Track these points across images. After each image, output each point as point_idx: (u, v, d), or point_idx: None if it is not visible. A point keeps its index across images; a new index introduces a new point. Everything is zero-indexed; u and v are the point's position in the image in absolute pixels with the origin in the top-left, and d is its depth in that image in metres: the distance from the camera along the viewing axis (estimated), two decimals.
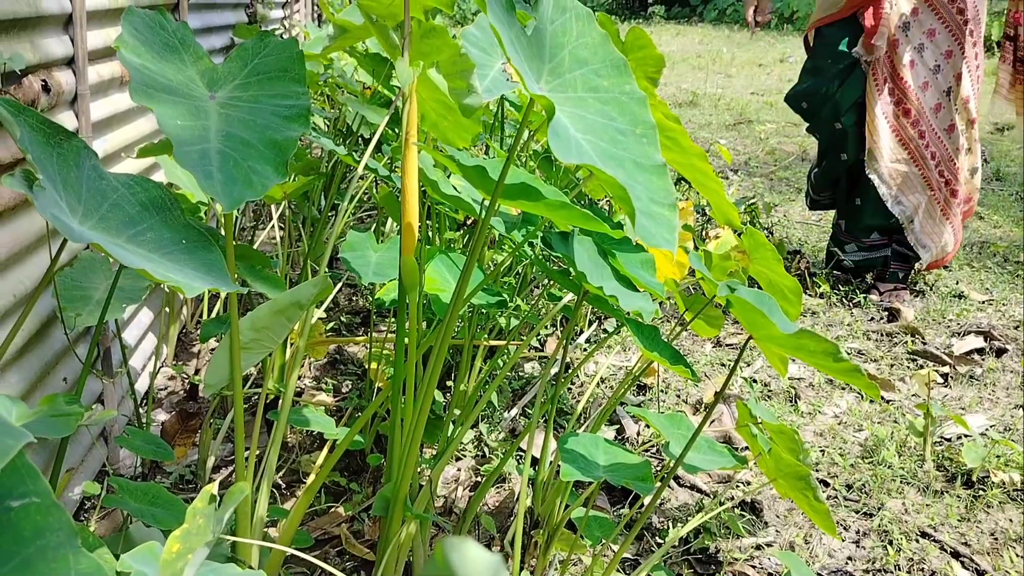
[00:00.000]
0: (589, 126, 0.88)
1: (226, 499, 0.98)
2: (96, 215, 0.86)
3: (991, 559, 1.46)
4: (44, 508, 0.59)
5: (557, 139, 0.80)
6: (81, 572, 0.60)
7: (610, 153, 0.87)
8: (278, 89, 1.10)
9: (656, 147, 0.88)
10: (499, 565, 0.32)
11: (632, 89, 0.92)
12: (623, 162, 0.87)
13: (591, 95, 0.90)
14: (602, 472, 1.07)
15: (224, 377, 1.27)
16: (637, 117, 0.90)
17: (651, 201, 0.83)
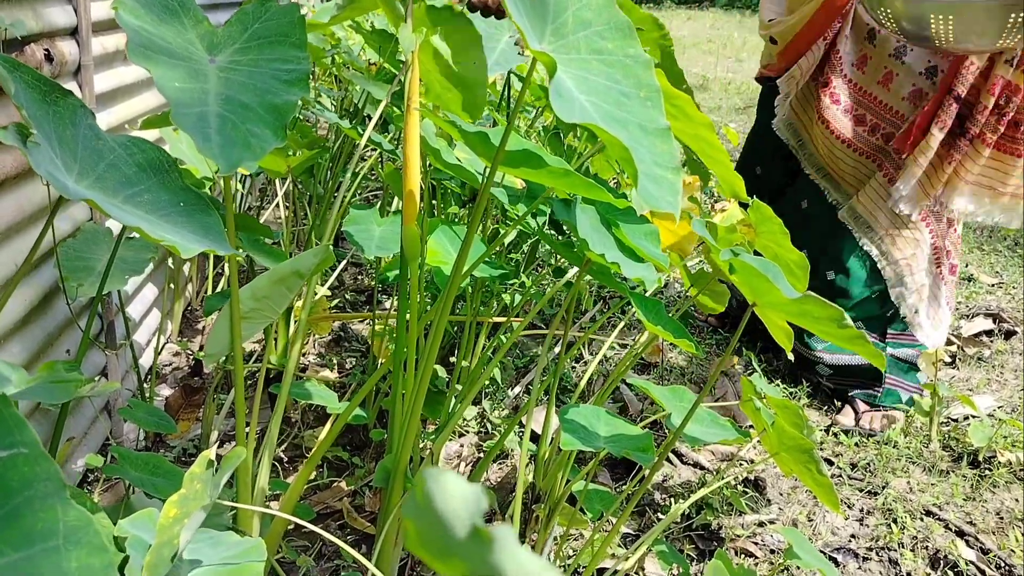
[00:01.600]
0: (592, 88, 0.86)
1: (224, 463, 0.98)
2: (92, 175, 0.86)
3: (996, 538, 1.45)
4: (32, 459, 0.58)
5: (560, 99, 0.79)
6: (69, 523, 0.59)
7: (614, 116, 0.85)
8: (278, 53, 1.08)
9: (661, 111, 0.86)
10: (478, 495, 0.31)
11: (637, 52, 0.91)
12: (627, 125, 0.85)
13: (595, 57, 0.89)
14: (603, 443, 1.06)
15: (224, 346, 1.26)
16: (642, 80, 0.88)
17: (655, 164, 0.81)
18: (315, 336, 2.22)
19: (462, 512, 0.31)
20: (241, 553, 1.05)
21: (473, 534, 0.31)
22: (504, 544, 0.30)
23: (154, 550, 0.90)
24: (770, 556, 1.42)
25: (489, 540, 0.30)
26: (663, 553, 1.22)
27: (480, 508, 0.31)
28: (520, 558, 0.31)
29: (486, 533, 0.30)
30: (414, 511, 0.32)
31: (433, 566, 0.34)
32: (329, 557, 1.45)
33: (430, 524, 0.32)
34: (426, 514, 0.32)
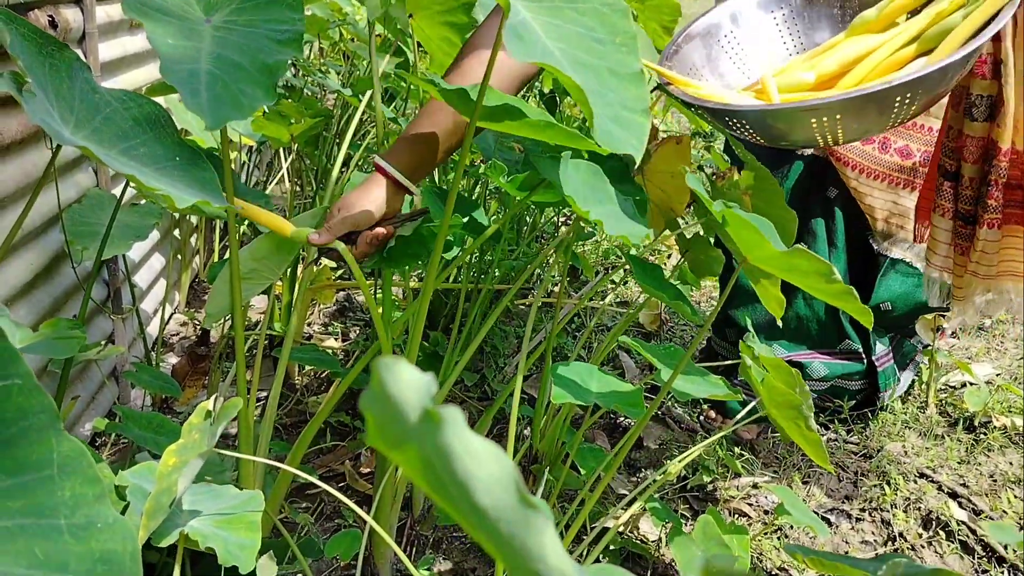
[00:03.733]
0: (563, 35, 0.86)
1: (220, 413, 1.00)
2: (88, 127, 0.87)
3: (988, 500, 1.46)
4: (26, 390, 0.60)
5: (520, 41, 0.79)
6: (64, 453, 0.61)
7: (582, 60, 0.86)
8: (274, 14, 1.09)
9: (635, 56, 0.87)
10: (428, 382, 0.33)
11: (614, 1, 0.91)
12: (598, 70, 0.85)
13: (568, 5, 0.89)
14: (594, 397, 1.08)
15: (224, 306, 1.28)
16: (617, 27, 0.89)
17: (622, 107, 0.82)
18: (319, 306, 2.24)
19: (414, 397, 0.33)
20: (239, 504, 1.07)
21: (424, 416, 0.32)
22: (453, 425, 0.32)
23: (153, 497, 0.93)
24: (763, 516, 1.44)
25: (439, 421, 0.32)
26: (656, 510, 1.24)
27: (430, 392, 0.33)
28: (468, 438, 0.32)
29: (436, 414, 0.32)
30: (371, 401, 0.34)
31: (390, 456, 0.36)
32: (329, 516, 1.47)
33: (385, 411, 0.33)
34: (381, 402, 0.33)
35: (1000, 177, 1.39)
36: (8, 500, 0.59)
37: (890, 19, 1.24)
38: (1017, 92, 1.35)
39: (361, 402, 0.35)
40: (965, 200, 1.45)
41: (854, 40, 1.24)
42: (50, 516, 0.59)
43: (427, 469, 0.34)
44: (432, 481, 0.34)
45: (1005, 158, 1.38)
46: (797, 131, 1.13)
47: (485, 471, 0.32)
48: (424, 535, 1.39)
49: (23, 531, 0.58)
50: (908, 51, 1.18)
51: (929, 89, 1.08)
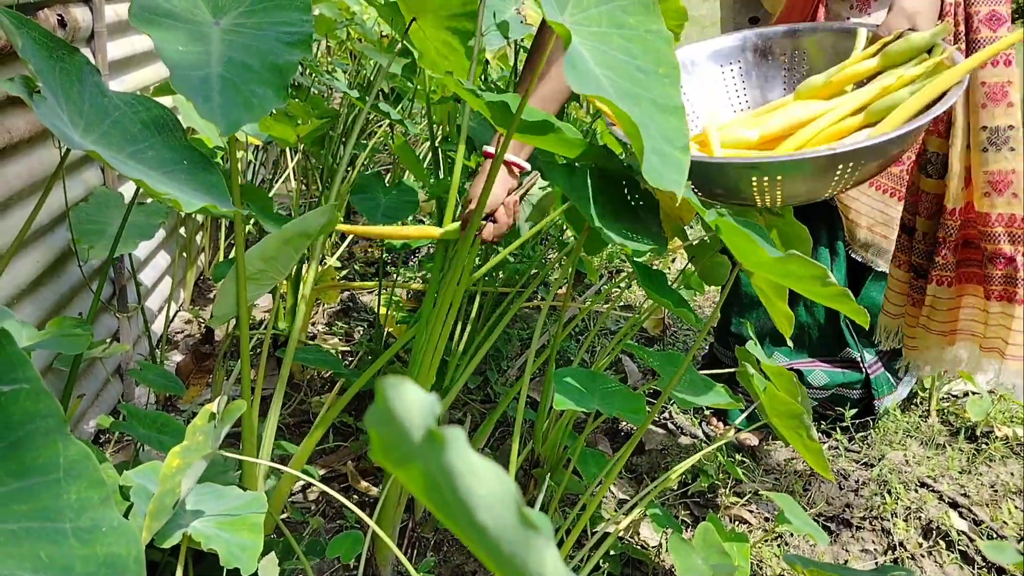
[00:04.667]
0: (609, 62, 0.86)
1: (224, 414, 1.01)
2: (98, 130, 0.88)
3: (989, 510, 1.46)
4: (34, 394, 0.61)
5: (574, 70, 0.79)
6: (70, 457, 0.62)
7: (627, 91, 0.85)
8: (282, 16, 1.10)
9: (677, 89, 0.86)
10: (432, 402, 0.33)
11: (659, 29, 0.91)
12: (640, 100, 0.85)
13: (615, 31, 0.89)
14: (596, 404, 1.08)
15: (232, 307, 1.29)
16: (661, 57, 0.88)
17: (664, 140, 0.82)
18: (324, 305, 2.25)
19: (418, 417, 0.33)
20: (242, 505, 1.08)
21: (427, 437, 0.33)
22: (456, 445, 0.33)
23: (157, 498, 0.93)
24: (764, 523, 1.44)
25: (442, 441, 0.32)
26: (656, 516, 1.25)
27: (434, 413, 0.33)
28: (470, 458, 0.33)
29: (439, 435, 0.32)
30: (375, 419, 0.34)
31: (395, 473, 0.36)
32: (332, 517, 1.48)
33: (389, 430, 0.34)
34: (386, 420, 0.34)
35: (948, 235, 1.41)
36: (14, 503, 0.59)
37: (837, 87, 1.23)
38: (964, 153, 1.37)
39: (366, 419, 0.36)
40: (918, 254, 1.47)
41: (800, 104, 1.23)
42: (56, 519, 0.60)
43: (430, 487, 0.34)
44: (435, 499, 0.35)
45: (951, 217, 1.40)
46: (736, 187, 1.11)
47: (487, 490, 0.33)
48: (426, 537, 1.40)
49: (28, 534, 0.59)
50: (853, 121, 1.18)
51: (870, 160, 1.06)
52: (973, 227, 1.40)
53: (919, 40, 1.17)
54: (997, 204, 1.35)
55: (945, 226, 1.41)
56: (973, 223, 1.40)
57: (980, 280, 1.42)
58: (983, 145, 1.35)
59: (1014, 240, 1.36)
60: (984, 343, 1.44)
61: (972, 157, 1.37)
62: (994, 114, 1.34)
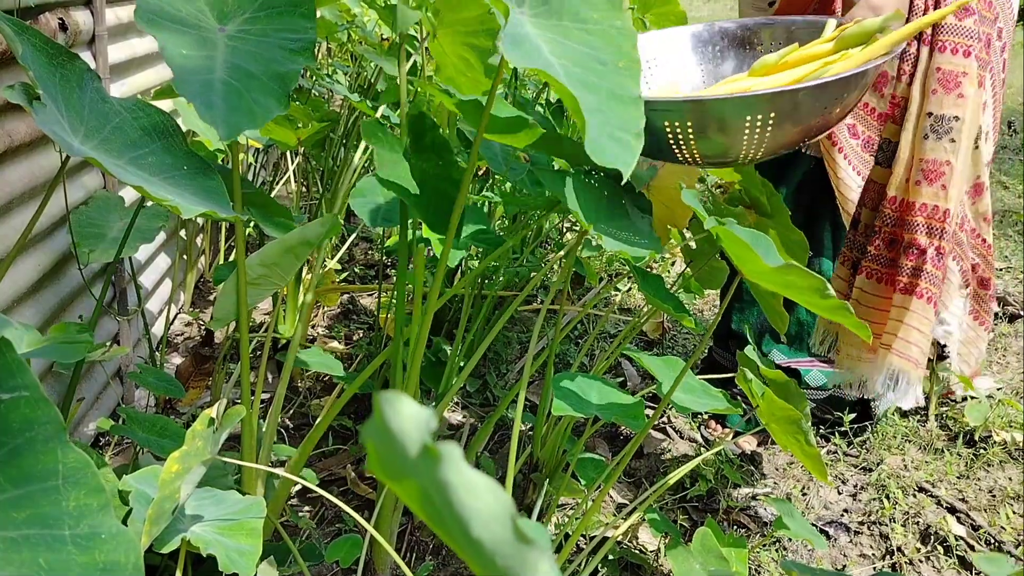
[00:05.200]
0: (567, 52, 0.87)
1: (224, 420, 1.01)
2: (98, 136, 0.88)
3: (987, 515, 1.47)
4: (33, 401, 0.61)
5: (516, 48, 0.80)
6: (69, 464, 0.62)
7: (584, 80, 0.87)
8: (287, 23, 1.10)
9: (636, 82, 0.88)
10: (428, 417, 0.34)
11: (623, 24, 0.92)
12: (598, 89, 0.86)
13: (577, 25, 0.90)
14: (594, 409, 1.08)
15: (231, 311, 1.29)
16: (622, 50, 0.90)
17: (618, 128, 0.83)
18: (324, 308, 2.25)
19: (414, 432, 0.33)
20: (241, 510, 1.08)
21: (423, 452, 0.33)
22: (451, 460, 0.33)
23: (156, 503, 0.93)
24: (762, 528, 1.45)
25: (438, 456, 0.33)
26: (655, 521, 1.25)
27: (430, 428, 0.34)
28: (466, 473, 0.33)
29: (435, 450, 0.33)
30: (373, 433, 0.35)
31: (392, 487, 0.36)
32: (331, 521, 1.48)
33: (385, 444, 0.34)
34: (382, 435, 0.34)
35: (884, 224, 1.39)
36: (13, 511, 0.60)
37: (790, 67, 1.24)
38: (912, 139, 1.36)
39: (363, 433, 0.36)
40: (856, 247, 1.45)
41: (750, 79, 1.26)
42: (54, 526, 0.60)
43: (426, 502, 0.35)
44: (431, 513, 0.35)
45: (891, 205, 1.38)
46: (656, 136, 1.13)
47: (482, 504, 0.33)
48: (424, 541, 1.40)
49: (28, 541, 0.59)
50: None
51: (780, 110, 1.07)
52: (900, 224, 1.39)
53: (871, 25, 1.18)
54: (924, 193, 1.35)
55: (883, 215, 1.40)
56: (900, 219, 1.39)
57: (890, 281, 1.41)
58: (925, 132, 1.34)
59: (931, 233, 1.35)
60: (884, 339, 1.41)
61: (915, 143, 1.36)
62: (943, 102, 1.33)
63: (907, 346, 1.38)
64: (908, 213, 1.36)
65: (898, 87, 1.37)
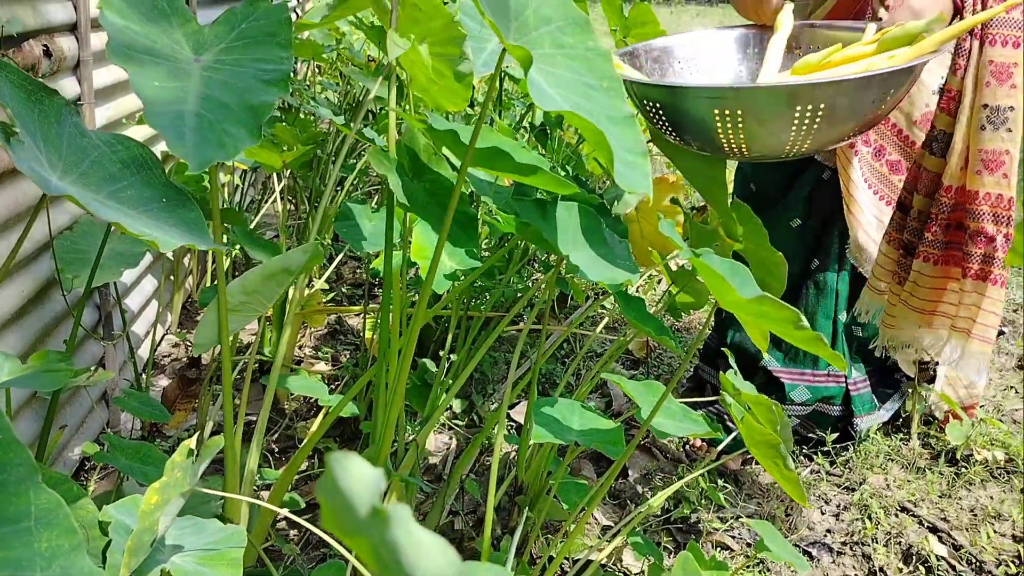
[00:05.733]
0: (559, 81, 0.89)
1: (203, 451, 1.01)
2: (76, 171, 0.89)
3: (968, 534, 1.47)
4: (4, 444, 0.61)
5: (535, 88, 0.82)
6: (41, 506, 0.62)
7: (582, 107, 0.89)
8: (262, 53, 1.11)
9: (623, 99, 0.90)
10: (377, 478, 0.34)
11: (595, 45, 0.94)
12: (595, 115, 0.88)
13: (558, 52, 0.92)
14: (575, 436, 1.09)
15: (213, 337, 1.30)
16: (603, 72, 0.92)
17: (624, 150, 0.85)
18: (310, 328, 2.25)
19: (364, 493, 0.34)
20: (222, 539, 1.08)
21: (372, 513, 0.34)
22: (400, 521, 0.33)
23: (135, 535, 0.93)
24: (746, 549, 1.45)
25: (386, 518, 0.33)
26: (638, 544, 1.25)
27: (379, 489, 0.34)
28: (415, 534, 0.34)
29: (383, 512, 0.33)
30: (325, 491, 0.35)
31: (345, 542, 0.37)
32: (316, 545, 1.48)
33: (337, 503, 0.35)
34: (334, 494, 0.35)
35: (941, 213, 1.43)
36: None
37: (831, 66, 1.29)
38: (967, 130, 1.40)
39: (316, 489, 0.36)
40: (910, 231, 1.49)
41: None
42: (26, 568, 0.60)
43: (377, 559, 0.35)
44: (382, 569, 0.36)
45: (947, 194, 1.43)
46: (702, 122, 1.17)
47: (430, 564, 0.34)
48: None
49: None
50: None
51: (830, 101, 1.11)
52: (963, 208, 1.42)
53: (913, 27, 1.23)
54: (987, 183, 1.38)
55: (939, 203, 1.43)
56: (963, 204, 1.42)
57: (957, 262, 1.45)
58: (982, 123, 1.37)
59: (998, 220, 1.38)
60: (956, 323, 1.45)
61: (970, 134, 1.40)
62: (996, 93, 1.36)
63: (986, 330, 1.43)
64: (971, 202, 1.39)
65: (952, 80, 1.40)
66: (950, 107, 1.42)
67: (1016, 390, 1.99)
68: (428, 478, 1.67)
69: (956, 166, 1.41)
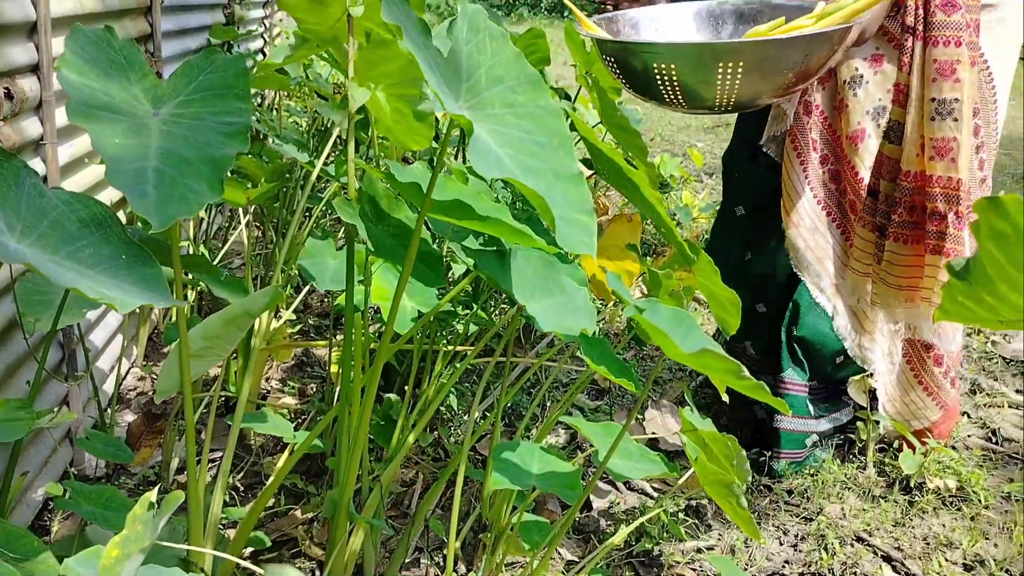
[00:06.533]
0: (508, 140, 0.92)
1: (163, 506, 1.02)
2: (35, 232, 0.90)
3: (921, 563, 1.51)
4: None
5: (478, 155, 0.84)
6: None
7: (529, 165, 0.91)
8: (221, 106, 1.12)
9: (572, 157, 0.93)
10: None
11: (547, 103, 0.97)
12: (542, 173, 0.91)
13: (508, 111, 0.94)
14: (534, 481, 1.11)
15: (175, 384, 1.30)
16: (553, 129, 0.95)
17: (569, 208, 0.88)
18: (277, 361, 2.26)
19: None
20: None
21: None
22: None
23: None
24: None
25: None
26: None
27: None
28: None
29: None
30: None
31: None
32: None
33: None
34: None
35: (904, 196, 1.59)
36: None
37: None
38: (918, 120, 1.55)
39: None
40: (881, 215, 1.64)
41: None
42: None
43: None
44: None
45: (906, 179, 1.58)
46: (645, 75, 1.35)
47: None
48: None
49: None
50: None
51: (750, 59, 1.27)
52: (921, 191, 1.57)
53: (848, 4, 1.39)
54: (938, 167, 1.52)
55: (901, 187, 1.58)
56: (922, 188, 1.57)
57: (918, 240, 1.60)
58: (931, 114, 1.52)
59: (948, 200, 1.53)
60: (922, 293, 1.62)
61: (923, 125, 1.54)
62: (942, 88, 1.50)
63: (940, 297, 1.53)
64: (928, 185, 1.55)
65: (900, 76, 1.56)
66: (899, 99, 1.56)
67: (969, 415, 2.05)
68: (394, 513, 1.68)
69: (912, 153, 1.56)
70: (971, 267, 0.68)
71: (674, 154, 4.75)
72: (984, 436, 1.95)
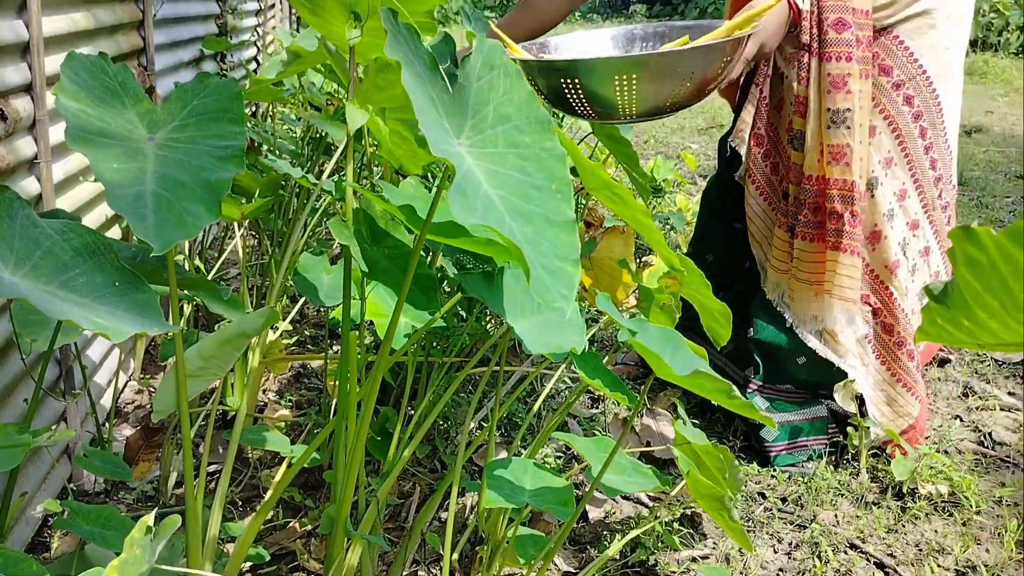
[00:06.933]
0: (503, 181, 0.91)
1: (160, 530, 1.03)
2: (29, 263, 0.91)
3: (913, 569, 1.53)
4: None
5: (463, 197, 0.84)
6: None
7: (521, 209, 0.90)
8: (215, 130, 1.13)
9: (569, 203, 0.91)
10: None
11: (552, 146, 0.96)
12: (532, 217, 0.90)
13: (511, 151, 0.94)
14: (527, 498, 1.12)
15: (171, 404, 1.31)
16: (554, 173, 0.94)
17: (555, 256, 0.86)
18: (273, 374, 2.27)
19: None
20: None
21: None
22: None
23: None
24: None
25: None
26: None
27: None
28: None
29: None
30: None
31: None
32: None
33: None
34: None
35: (808, 197, 1.73)
36: None
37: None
38: (816, 129, 1.69)
39: None
40: (791, 215, 1.79)
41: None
42: None
43: None
44: None
45: (809, 182, 1.72)
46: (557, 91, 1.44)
47: None
48: None
49: None
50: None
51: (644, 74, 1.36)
52: (823, 193, 1.71)
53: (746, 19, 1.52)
54: (835, 171, 1.67)
55: (805, 190, 1.73)
56: (823, 190, 1.70)
57: (820, 239, 1.73)
58: (827, 123, 1.66)
59: (844, 200, 1.67)
60: (824, 286, 1.74)
61: (821, 133, 1.68)
62: (836, 99, 1.64)
63: (842, 290, 1.72)
64: (827, 187, 1.69)
65: (799, 89, 1.69)
66: (800, 110, 1.70)
67: (961, 419, 2.06)
68: (391, 525, 1.70)
69: (813, 159, 1.70)
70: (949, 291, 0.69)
71: (668, 156, 4.76)
72: (976, 440, 1.97)
